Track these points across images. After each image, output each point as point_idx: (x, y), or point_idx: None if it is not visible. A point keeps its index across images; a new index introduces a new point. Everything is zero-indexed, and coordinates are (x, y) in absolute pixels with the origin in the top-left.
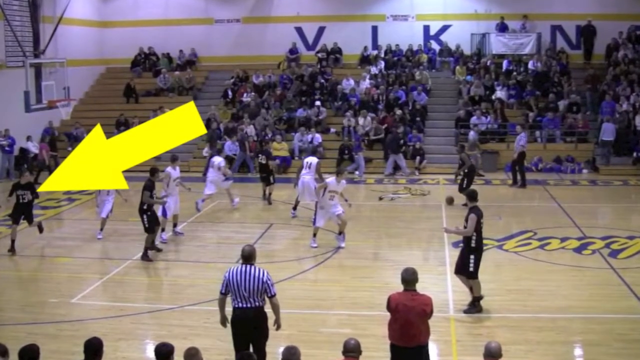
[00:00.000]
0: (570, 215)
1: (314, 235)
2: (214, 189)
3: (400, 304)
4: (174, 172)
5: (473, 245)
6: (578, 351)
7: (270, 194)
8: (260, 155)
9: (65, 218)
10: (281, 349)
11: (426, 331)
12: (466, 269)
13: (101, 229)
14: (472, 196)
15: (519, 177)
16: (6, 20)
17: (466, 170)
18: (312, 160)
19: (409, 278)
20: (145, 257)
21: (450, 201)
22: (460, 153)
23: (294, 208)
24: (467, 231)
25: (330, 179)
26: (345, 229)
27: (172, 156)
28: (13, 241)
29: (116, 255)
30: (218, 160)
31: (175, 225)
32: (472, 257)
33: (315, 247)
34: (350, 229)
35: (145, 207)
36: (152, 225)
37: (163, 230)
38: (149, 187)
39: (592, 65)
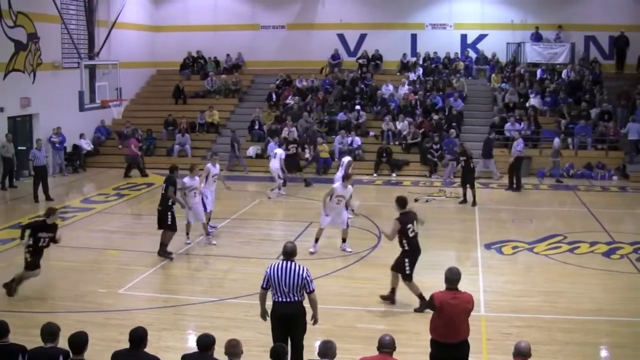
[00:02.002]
0: (599, 220)
1: (316, 240)
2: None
3: (444, 303)
4: (213, 168)
5: (406, 248)
6: (605, 353)
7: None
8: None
9: (115, 212)
10: (318, 343)
11: (468, 327)
12: (402, 271)
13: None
14: (400, 203)
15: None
16: (63, 23)
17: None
18: (345, 158)
19: (453, 277)
20: (165, 253)
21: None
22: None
23: None
24: (388, 237)
25: (337, 184)
26: (347, 236)
27: (213, 152)
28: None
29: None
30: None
31: (209, 220)
32: (406, 260)
33: (313, 252)
34: (385, 229)
35: (170, 202)
36: (174, 222)
37: (209, 221)
38: (174, 183)
39: (624, 75)
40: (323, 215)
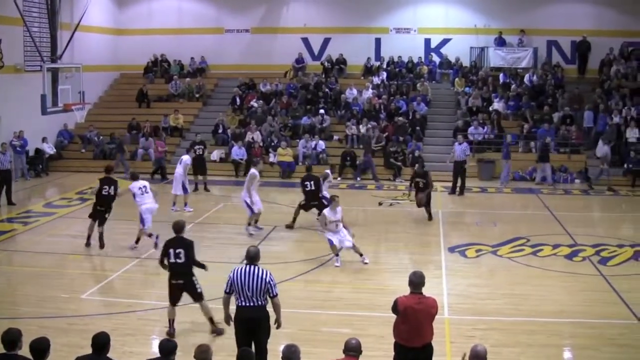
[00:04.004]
0: (562, 223)
1: (337, 255)
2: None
3: (408, 307)
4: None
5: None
6: (568, 354)
7: None
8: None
9: (78, 217)
10: (281, 347)
11: (432, 330)
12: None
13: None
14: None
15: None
16: (25, 26)
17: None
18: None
19: (417, 281)
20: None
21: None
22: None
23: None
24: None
25: (326, 210)
26: (359, 250)
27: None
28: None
29: (125, 253)
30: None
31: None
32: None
33: (339, 265)
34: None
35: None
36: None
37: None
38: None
39: (586, 80)
40: (331, 237)
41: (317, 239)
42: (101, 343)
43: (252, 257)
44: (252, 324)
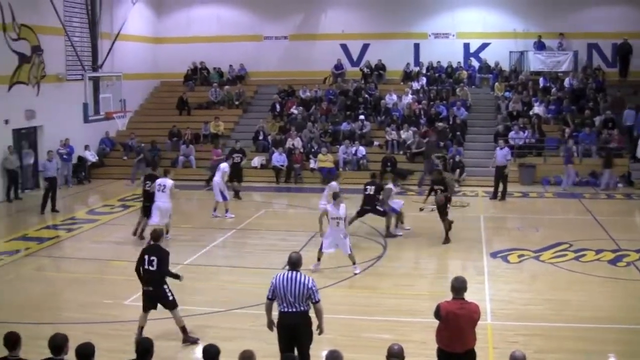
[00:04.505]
0: (605, 227)
1: (318, 259)
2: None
3: (450, 313)
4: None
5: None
6: None
7: None
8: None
9: (120, 224)
10: (324, 353)
11: (474, 336)
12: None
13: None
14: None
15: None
16: (67, 35)
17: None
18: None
19: (459, 286)
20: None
21: None
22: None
23: None
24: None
25: (329, 206)
26: (354, 259)
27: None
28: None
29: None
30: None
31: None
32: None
33: (315, 269)
34: (390, 239)
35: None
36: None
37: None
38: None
39: (627, 82)
40: (325, 242)
41: (359, 245)
42: (145, 349)
43: (294, 263)
44: (295, 329)
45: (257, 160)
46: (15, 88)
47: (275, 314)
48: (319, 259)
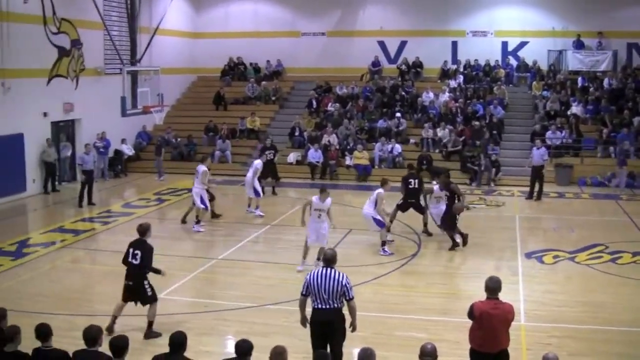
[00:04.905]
0: None
1: (304, 258)
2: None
3: (484, 312)
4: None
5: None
6: None
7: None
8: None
9: (156, 217)
10: (356, 350)
11: (508, 337)
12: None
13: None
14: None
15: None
16: (106, 29)
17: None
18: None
19: (493, 286)
20: None
21: None
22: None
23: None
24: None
25: (314, 197)
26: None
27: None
28: None
29: (203, 254)
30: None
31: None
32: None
33: (301, 270)
34: (425, 237)
35: None
36: None
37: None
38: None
39: None
40: (310, 235)
41: (393, 242)
42: (178, 342)
43: (329, 260)
44: (328, 326)
45: (292, 157)
46: (54, 81)
47: (309, 310)
48: (304, 258)
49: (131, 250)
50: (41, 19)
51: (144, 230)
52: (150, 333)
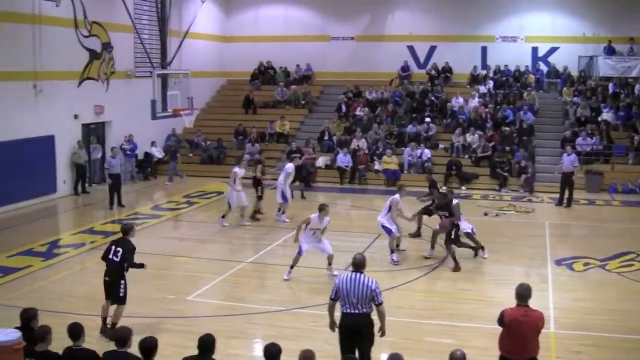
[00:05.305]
0: None
1: (292, 267)
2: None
3: (514, 319)
4: (240, 171)
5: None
6: None
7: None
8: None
9: (185, 220)
10: (384, 355)
11: (537, 344)
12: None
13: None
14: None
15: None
16: (136, 33)
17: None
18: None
19: (524, 293)
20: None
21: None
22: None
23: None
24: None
25: (313, 215)
26: (332, 260)
27: (241, 157)
28: None
29: (232, 257)
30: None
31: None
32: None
33: (287, 279)
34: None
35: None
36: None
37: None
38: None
39: None
40: (303, 245)
41: (423, 248)
42: (207, 344)
43: (358, 265)
44: (357, 331)
45: (321, 161)
46: (85, 84)
47: (337, 314)
48: (292, 267)
49: (113, 247)
50: (72, 22)
51: (127, 229)
52: (106, 332)
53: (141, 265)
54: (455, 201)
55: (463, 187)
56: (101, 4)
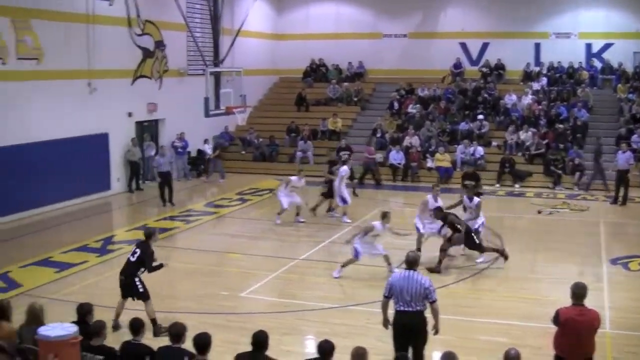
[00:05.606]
0: None
1: (343, 266)
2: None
3: (569, 319)
4: (296, 180)
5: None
6: None
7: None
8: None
9: (238, 217)
10: (436, 353)
11: (593, 344)
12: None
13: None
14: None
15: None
16: (189, 31)
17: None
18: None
19: (579, 292)
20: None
21: None
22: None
23: None
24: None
25: (377, 222)
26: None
27: (300, 169)
28: None
29: (285, 254)
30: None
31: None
32: (136, 280)
33: (337, 277)
34: (508, 241)
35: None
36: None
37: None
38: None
39: None
40: (362, 249)
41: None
42: (261, 341)
43: (412, 262)
44: (410, 329)
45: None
46: (138, 82)
47: (391, 312)
48: (343, 266)
49: (134, 248)
50: (126, 21)
51: (149, 233)
52: (157, 330)
53: (160, 266)
54: (476, 199)
55: (516, 185)
56: (154, 3)
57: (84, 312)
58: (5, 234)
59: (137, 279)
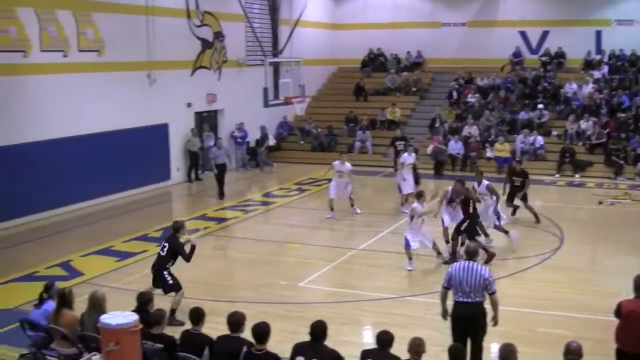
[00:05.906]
0: None
1: (410, 258)
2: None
3: (632, 312)
4: (339, 165)
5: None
6: None
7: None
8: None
9: (296, 207)
10: (495, 345)
11: None
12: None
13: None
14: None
15: None
16: (248, 22)
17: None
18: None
19: None
20: None
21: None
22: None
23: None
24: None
25: (416, 204)
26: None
27: (342, 152)
28: None
29: (343, 244)
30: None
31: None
32: (165, 273)
33: (411, 270)
34: (568, 232)
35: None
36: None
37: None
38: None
39: None
40: (411, 239)
41: (535, 236)
42: (319, 331)
43: (472, 253)
44: (469, 320)
45: (431, 148)
46: (198, 72)
47: (450, 303)
48: (410, 258)
49: (163, 242)
50: (185, 12)
51: (177, 227)
52: (171, 320)
53: (193, 249)
54: (485, 182)
55: (577, 175)
56: None
57: (144, 300)
58: (69, 224)
59: (166, 272)
